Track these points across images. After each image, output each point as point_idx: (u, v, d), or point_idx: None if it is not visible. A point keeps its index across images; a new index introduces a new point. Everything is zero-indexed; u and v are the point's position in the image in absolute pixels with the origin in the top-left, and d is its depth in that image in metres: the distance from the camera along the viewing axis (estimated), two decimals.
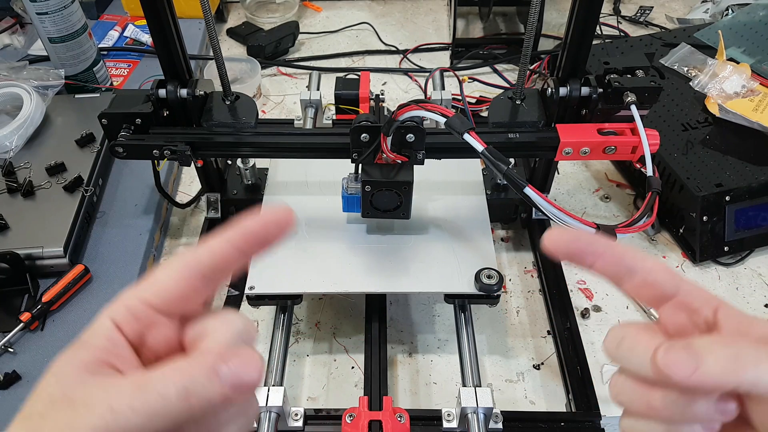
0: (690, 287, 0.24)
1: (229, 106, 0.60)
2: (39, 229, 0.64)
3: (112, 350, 0.22)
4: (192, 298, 0.24)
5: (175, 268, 0.23)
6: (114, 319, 0.23)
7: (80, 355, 0.21)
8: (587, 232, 0.25)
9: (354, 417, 0.50)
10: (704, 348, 0.20)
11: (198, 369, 0.20)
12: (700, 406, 0.21)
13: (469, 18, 1.07)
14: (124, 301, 0.23)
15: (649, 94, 0.55)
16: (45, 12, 0.75)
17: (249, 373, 0.21)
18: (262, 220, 0.25)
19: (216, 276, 0.24)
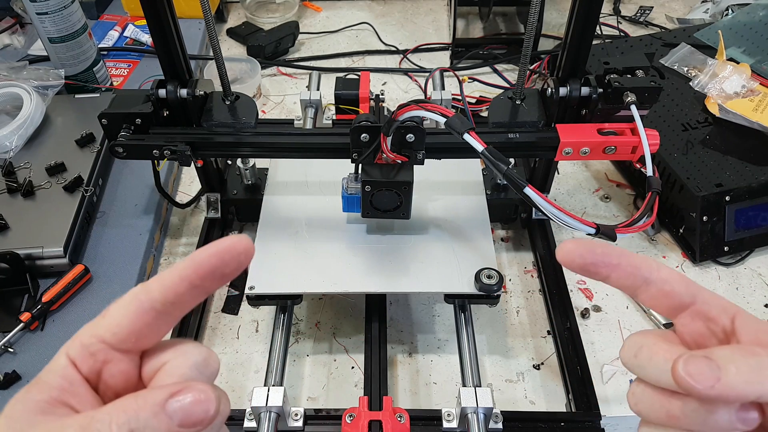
0: (707, 295, 0.24)
1: (229, 106, 0.60)
2: (39, 229, 0.64)
3: (67, 389, 0.21)
4: (146, 334, 0.23)
5: (126, 303, 0.23)
6: (70, 356, 0.22)
7: (33, 395, 0.21)
8: (602, 243, 0.24)
9: (354, 417, 0.50)
10: (725, 358, 0.20)
11: (144, 406, 0.19)
12: (721, 415, 0.20)
13: (469, 18, 1.07)
14: (80, 337, 0.22)
15: (649, 94, 0.55)
16: (45, 12, 0.75)
17: (201, 409, 0.20)
18: (217, 252, 0.22)
19: (171, 311, 0.23)
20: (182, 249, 0.72)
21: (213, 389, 0.21)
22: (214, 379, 0.23)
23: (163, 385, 0.21)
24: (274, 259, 0.60)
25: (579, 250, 0.24)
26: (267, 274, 0.58)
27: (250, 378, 0.59)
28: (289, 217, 0.65)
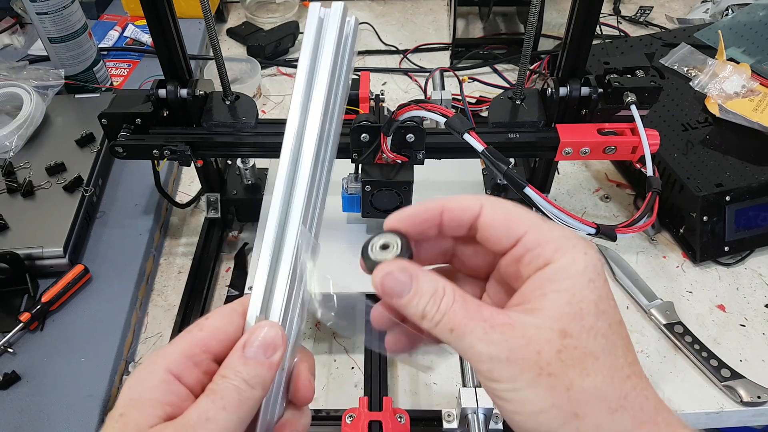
0: (452, 202, 0.26)
1: (229, 106, 0.59)
2: (39, 229, 0.63)
3: (177, 403, 0.24)
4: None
5: (223, 313, 0.26)
6: (172, 371, 0.24)
7: (147, 411, 0.23)
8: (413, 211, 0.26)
9: (354, 417, 0.50)
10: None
11: (230, 364, 0.24)
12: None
13: (469, 18, 1.07)
14: (178, 350, 0.25)
15: (649, 94, 0.55)
16: (45, 12, 0.75)
17: (270, 338, 0.24)
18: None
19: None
20: (182, 249, 0.72)
21: (269, 323, 0.25)
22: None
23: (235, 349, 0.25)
24: None
25: (400, 222, 0.26)
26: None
27: None
28: None
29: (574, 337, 0.22)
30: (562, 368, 0.22)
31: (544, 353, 0.22)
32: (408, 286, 0.24)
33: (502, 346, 0.22)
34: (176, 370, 0.24)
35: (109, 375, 0.56)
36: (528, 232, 0.24)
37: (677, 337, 0.60)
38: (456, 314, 0.23)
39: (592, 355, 0.22)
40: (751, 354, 0.59)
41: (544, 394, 0.22)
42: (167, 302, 0.66)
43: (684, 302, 0.64)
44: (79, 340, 0.58)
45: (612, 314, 0.23)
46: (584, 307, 0.23)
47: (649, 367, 0.59)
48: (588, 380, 0.22)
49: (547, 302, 0.23)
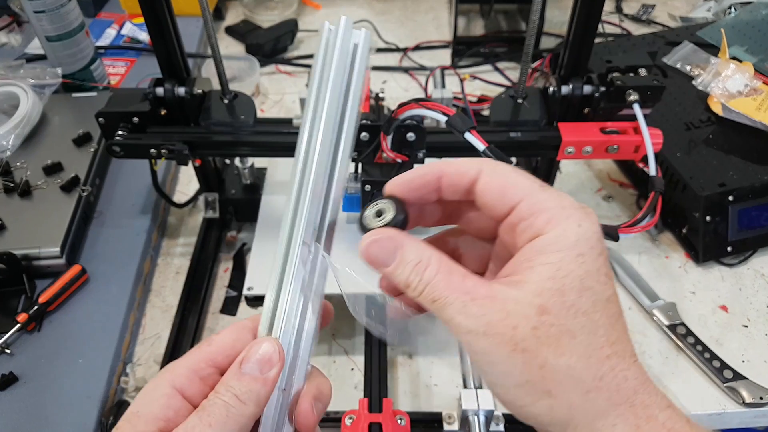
0: (450, 167, 0.26)
1: (227, 105, 0.59)
2: (36, 229, 0.63)
3: (172, 418, 0.24)
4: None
5: (232, 329, 0.27)
6: (176, 385, 0.25)
7: (140, 428, 0.24)
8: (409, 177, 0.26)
9: (354, 419, 0.49)
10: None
11: (227, 380, 0.24)
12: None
13: (470, 16, 1.06)
14: (185, 365, 0.25)
15: (651, 93, 0.54)
16: (42, 10, 0.74)
17: (267, 355, 0.25)
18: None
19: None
20: (180, 249, 0.71)
21: (267, 339, 0.25)
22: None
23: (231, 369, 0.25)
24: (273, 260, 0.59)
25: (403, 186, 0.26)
26: (266, 275, 0.58)
27: None
28: None
29: (553, 314, 0.22)
30: (537, 345, 0.22)
31: (520, 329, 0.22)
32: (393, 255, 0.24)
33: (479, 320, 0.22)
34: (180, 385, 0.24)
35: (107, 376, 0.55)
36: (523, 200, 0.23)
37: (679, 338, 0.59)
38: (438, 285, 0.23)
39: (569, 334, 0.22)
40: (754, 355, 0.59)
41: (519, 369, 0.22)
42: (165, 303, 0.66)
43: (686, 303, 0.64)
44: (76, 340, 0.58)
45: (599, 291, 0.22)
46: (567, 282, 0.22)
47: (651, 367, 0.58)
48: (562, 360, 0.22)
49: (532, 275, 0.22)
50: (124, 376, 0.58)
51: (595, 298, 0.22)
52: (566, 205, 0.23)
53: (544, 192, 0.23)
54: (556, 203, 0.23)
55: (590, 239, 0.22)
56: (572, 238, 0.22)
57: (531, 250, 0.23)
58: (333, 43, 0.26)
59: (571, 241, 0.22)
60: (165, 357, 0.58)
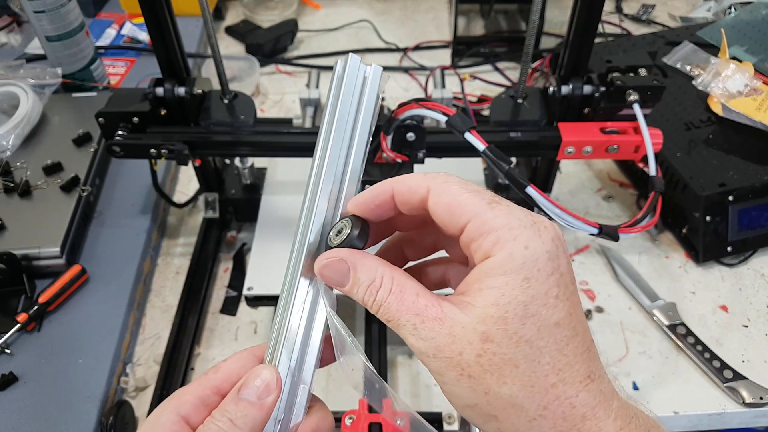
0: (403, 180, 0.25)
1: (227, 105, 0.59)
2: (36, 229, 0.63)
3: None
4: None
5: (239, 357, 0.28)
6: (182, 413, 0.25)
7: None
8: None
9: (354, 419, 0.49)
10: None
11: (226, 403, 0.25)
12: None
13: (470, 15, 1.06)
14: (192, 393, 0.26)
15: (651, 93, 0.54)
16: (42, 10, 0.74)
17: (264, 384, 0.25)
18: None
19: None
20: (180, 249, 0.71)
21: (267, 366, 0.26)
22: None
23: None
24: (272, 260, 0.59)
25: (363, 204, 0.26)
26: (265, 275, 0.58)
27: None
28: (288, 217, 0.64)
29: (495, 342, 0.22)
30: (481, 373, 0.22)
31: (465, 355, 0.22)
32: (346, 277, 0.25)
33: (429, 343, 0.22)
34: (185, 412, 0.25)
35: (107, 376, 0.55)
36: (471, 221, 0.23)
37: (680, 338, 0.59)
38: (390, 306, 0.23)
39: (512, 363, 0.22)
40: (754, 355, 0.59)
41: (467, 393, 0.22)
42: (165, 303, 0.66)
43: (686, 303, 0.64)
44: (76, 340, 0.58)
45: (546, 316, 0.22)
46: (510, 309, 0.21)
47: (651, 368, 0.58)
48: (505, 388, 0.22)
49: (478, 298, 0.22)
50: (124, 376, 0.58)
51: (541, 324, 0.22)
52: (514, 225, 0.22)
53: (492, 210, 0.23)
54: (504, 223, 0.22)
55: (538, 261, 0.22)
56: (518, 261, 0.22)
57: (480, 271, 0.22)
58: (341, 77, 0.27)
59: (517, 264, 0.22)
60: (165, 357, 0.58)
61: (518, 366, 0.22)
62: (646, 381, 0.57)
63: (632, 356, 0.59)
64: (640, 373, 0.58)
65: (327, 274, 0.25)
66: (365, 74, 0.27)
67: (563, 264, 0.22)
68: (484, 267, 0.22)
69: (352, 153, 0.27)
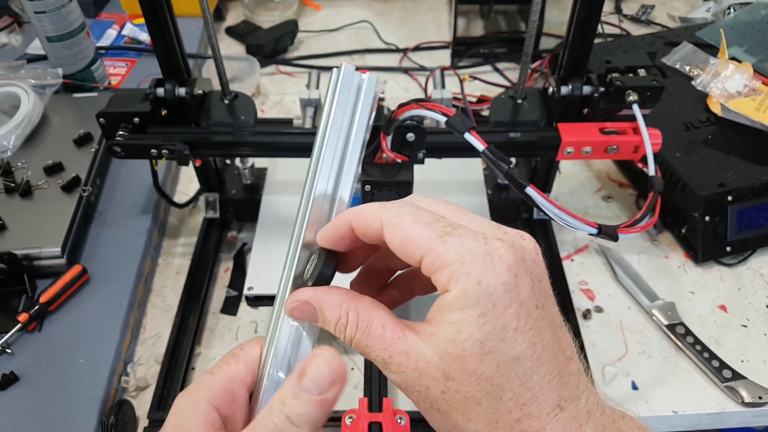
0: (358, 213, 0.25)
1: (227, 106, 0.59)
2: (36, 229, 0.63)
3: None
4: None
5: (253, 342, 0.27)
6: (214, 403, 0.25)
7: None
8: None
9: (354, 419, 0.49)
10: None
11: (284, 395, 0.23)
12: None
13: (469, 16, 1.06)
14: (218, 383, 0.26)
15: (651, 93, 0.55)
16: (43, 11, 0.74)
17: (329, 369, 0.23)
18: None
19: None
20: (180, 249, 0.71)
21: (332, 351, 0.23)
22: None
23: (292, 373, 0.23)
24: (273, 260, 0.60)
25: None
26: (266, 275, 0.58)
27: None
28: (288, 217, 0.65)
29: (456, 380, 0.22)
30: (447, 408, 0.22)
31: (432, 390, 0.22)
32: (315, 316, 0.26)
33: (399, 377, 0.23)
34: (216, 402, 0.25)
35: (108, 376, 0.55)
36: (424, 256, 0.22)
37: (679, 338, 0.60)
38: (359, 342, 0.24)
39: (474, 400, 0.22)
40: (753, 354, 0.59)
41: (438, 425, 0.23)
42: (166, 303, 0.66)
43: (686, 303, 0.64)
44: (77, 340, 0.58)
45: (504, 351, 0.21)
46: (467, 347, 0.21)
47: (650, 367, 0.59)
48: (470, 424, 0.22)
49: (440, 332, 0.22)
50: (124, 376, 0.58)
51: (500, 361, 0.21)
52: (466, 258, 0.21)
53: (444, 244, 0.22)
54: (456, 257, 0.21)
55: (492, 295, 0.21)
56: (472, 297, 0.21)
57: (440, 304, 0.22)
58: (335, 86, 0.27)
59: (471, 300, 0.21)
60: (165, 356, 0.59)
61: (480, 403, 0.22)
62: (645, 380, 0.58)
63: (631, 356, 0.59)
64: (640, 373, 0.58)
65: (297, 315, 0.26)
66: (359, 83, 0.27)
67: (524, 292, 0.22)
68: (443, 301, 0.22)
69: (345, 161, 0.27)
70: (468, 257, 0.21)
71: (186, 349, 0.59)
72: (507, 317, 0.21)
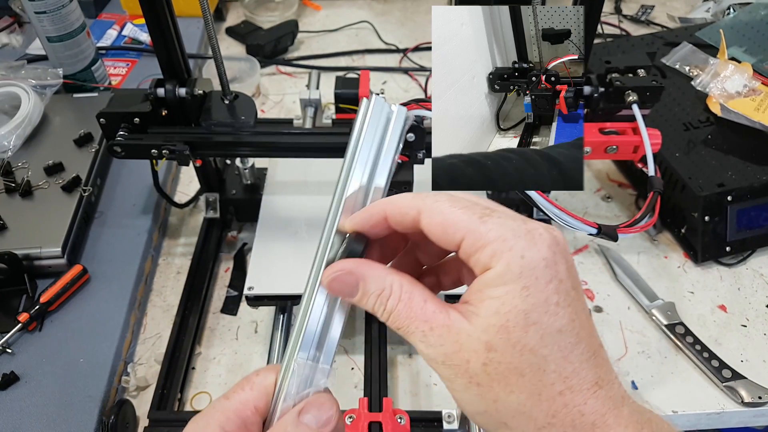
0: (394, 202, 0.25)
1: (227, 106, 0.59)
2: (37, 229, 0.63)
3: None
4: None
5: (267, 371, 0.27)
6: (227, 430, 0.25)
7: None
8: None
9: (354, 419, 0.49)
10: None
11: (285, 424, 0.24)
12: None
13: None
14: (232, 410, 0.26)
15: (650, 94, 0.55)
16: (43, 11, 0.74)
17: (326, 410, 0.24)
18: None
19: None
20: (181, 249, 0.71)
21: (329, 395, 0.25)
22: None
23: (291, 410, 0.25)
24: (273, 260, 0.60)
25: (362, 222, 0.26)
26: (266, 275, 0.58)
27: None
28: (288, 217, 0.65)
29: (499, 351, 0.22)
30: (489, 381, 0.22)
31: (472, 363, 0.22)
32: (355, 288, 0.25)
33: (438, 350, 0.23)
34: (229, 428, 0.25)
35: (108, 375, 0.55)
36: (465, 237, 0.23)
37: (678, 338, 0.60)
38: (400, 314, 0.24)
39: (517, 371, 0.22)
40: (753, 354, 0.59)
41: (477, 400, 0.23)
42: (166, 303, 0.66)
43: (685, 302, 0.64)
44: (77, 340, 0.58)
45: (548, 323, 0.22)
46: (511, 318, 0.22)
47: (650, 367, 0.59)
48: (512, 396, 0.22)
49: (482, 308, 0.22)
50: (125, 376, 0.58)
51: (543, 332, 0.22)
52: (508, 236, 0.22)
53: (485, 224, 0.23)
54: (498, 235, 0.22)
55: (535, 269, 0.22)
56: (516, 271, 0.22)
57: (481, 282, 0.23)
58: (364, 116, 0.27)
59: (515, 274, 0.22)
60: (166, 356, 0.59)
61: (524, 374, 0.22)
62: (645, 380, 0.58)
63: (631, 356, 0.59)
64: (639, 373, 0.58)
65: (336, 287, 0.25)
66: (389, 114, 0.28)
67: (562, 270, 0.22)
68: (484, 278, 0.23)
69: (373, 185, 0.27)
70: (510, 235, 0.22)
71: (186, 349, 0.60)
72: (549, 291, 0.22)
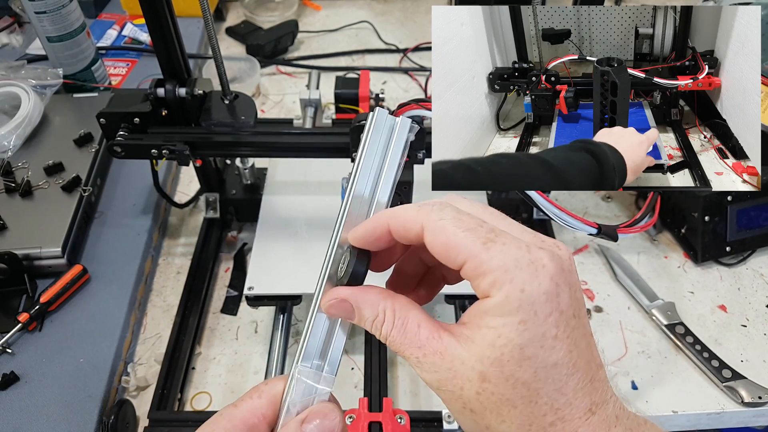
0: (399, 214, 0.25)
1: (227, 106, 0.59)
2: (37, 229, 0.63)
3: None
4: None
5: (275, 381, 0.27)
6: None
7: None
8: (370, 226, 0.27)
9: (354, 418, 0.50)
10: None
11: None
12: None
13: None
14: (239, 417, 0.26)
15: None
16: (43, 11, 0.74)
17: (329, 421, 0.25)
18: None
19: None
20: (181, 249, 0.71)
21: (332, 404, 0.26)
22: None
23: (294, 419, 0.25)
24: (273, 260, 0.60)
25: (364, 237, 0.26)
26: (266, 275, 0.58)
27: (249, 379, 0.59)
28: (288, 217, 0.65)
29: (492, 382, 0.22)
30: (481, 409, 0.23)
31: (466, 391, 0.23)
32: (352, 314, 0.26)
33: (432, 376, 0.23)
34: None
35: (108, 375, 0.55)
36: (467, 262, 0.23)
37: (678, 338, 0.60)
38: (394, 340, 0.25)
39: (509, 403, 0.22)
40: (753, 354, 0.59)
41: (470, 426, 0.24)
42: (166, 303, 0.66)
43: (685, 302, 0.64)
44: (77, 340, 0.58)
45: (543, 358, 0.22)
46: (506, 352, 0.22)
47: (650, 367, 0.59)
48: (503, 426, 0.22)
49: (478, 336, 0.22)
50: (125, 376, 0.58)
51: (538, 366, 0.22)
52: (510, 266, 0.22)
53: (488, 251, 0.22)
54: (500, 264, 0.22)
55: (534, 303, 0.22)
56: (514, 304, 0.22)
57: (479, 308, 0.23)
58: (369, 130, 0.28)
59: (513, 307, 0.22)
60: (166, 356, 0.59)
61: (516, 406, 0.22)
62: (645, 380, 0.58)
63: (631, 356, 0.59)
64: (639, 373, 0.58)
65: (334, 312, 0.26)
66: (392, 126, 0.28)
67: (564, 301, 0.22)
68: (483, 305, 0.23)
69: (376, 197, 0.28)
70: (512, 265, 0.22)
71: (186, 349, 0.60)
72: (547, 325, 0.22)
